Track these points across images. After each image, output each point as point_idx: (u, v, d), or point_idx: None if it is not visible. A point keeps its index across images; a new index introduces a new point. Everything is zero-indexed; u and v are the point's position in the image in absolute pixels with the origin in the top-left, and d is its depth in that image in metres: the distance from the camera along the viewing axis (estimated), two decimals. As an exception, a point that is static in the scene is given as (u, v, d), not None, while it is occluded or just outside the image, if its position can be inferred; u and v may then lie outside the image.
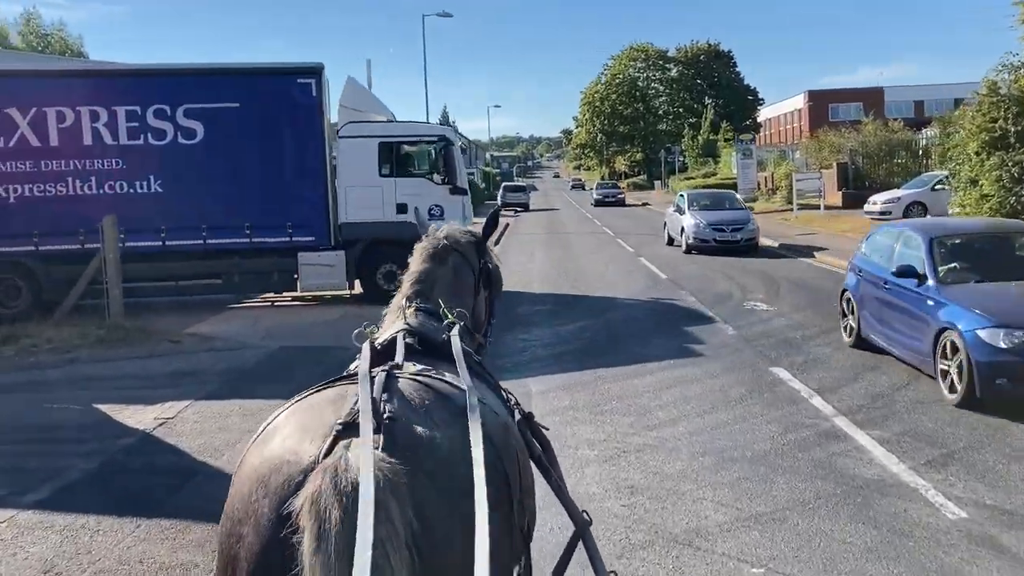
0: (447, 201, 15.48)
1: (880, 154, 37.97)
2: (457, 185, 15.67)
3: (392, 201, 15.35)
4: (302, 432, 2.01)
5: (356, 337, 2.72)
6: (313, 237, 15.23)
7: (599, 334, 12.12)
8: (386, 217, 15.30)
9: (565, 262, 22.24)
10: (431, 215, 15.39)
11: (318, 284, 15.53)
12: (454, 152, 15.73)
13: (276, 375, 10.52)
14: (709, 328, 12.18)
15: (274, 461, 1.97)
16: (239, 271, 15.18)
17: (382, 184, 15.45)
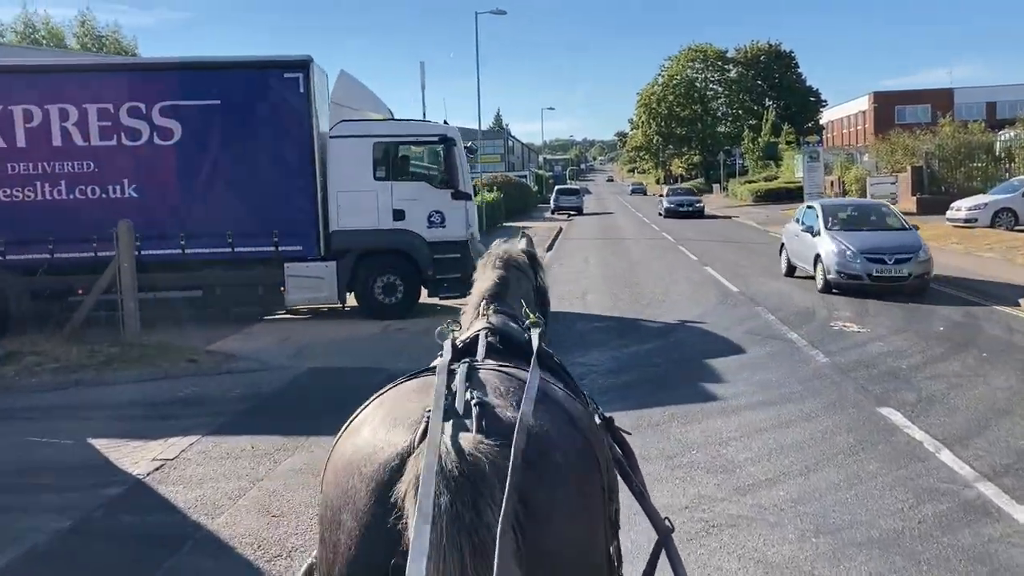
0: (449, 207, 14.13)
1: (958, 157, 35.75)
2: (459, 189, 14.21)
3: (388, 207, 14.04)
4: (392, 420, 2.05)
5: (438, 335, 2.73)
6: (301, 246, 13.91)
7: (668, 359, 10.62)
8: (381, 225, 14.05)
9: (629, 285, 20.71)
10: (431, 222, 14.09)
11: (306, 298, 14.21)
12: (456, 153, 14.25)
13: (298, 404, 9.25)
14: (796, 354, 10.60)
15: (367, 449, 2.01)
16: (221, 283, 13.85)
17: (377, 188, 14.06)
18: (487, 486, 1.78)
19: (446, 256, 14.12)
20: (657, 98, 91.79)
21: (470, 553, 1.72)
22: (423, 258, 14.12)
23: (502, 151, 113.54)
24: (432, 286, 14.44)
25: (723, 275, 18.75)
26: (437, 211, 14.10)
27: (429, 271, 14.18)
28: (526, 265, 3.50)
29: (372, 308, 14.29)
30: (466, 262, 14.02)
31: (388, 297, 14.33)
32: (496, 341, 2.66)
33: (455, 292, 14.38)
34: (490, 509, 1.76)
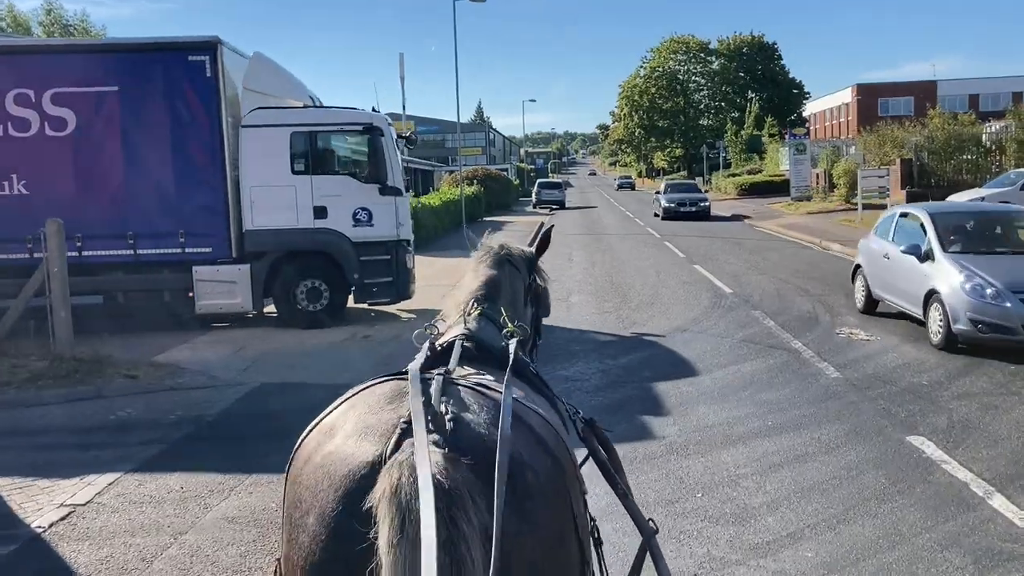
0: (377, 203, 12.87)
1: (948, 149, 34.89)
2: (387, 184, 12.87)
3: (308, 204, 12.77)
4: (364, 428, 2.02)
5: (417, 337, 2.71)
6: (211, 248, 12.62)
7: (662, 373, 9.55)
8: (301, 223, 12.78)
9: (615, 286, 19.64)
10: (357, 221, 12.83)
11: (218, 305, 12.83)
12: (384, 143, 12.84)
13: (244, 430, 8.13)
14: (803, 367, 9.56)
15: (338, 455, 1.98)
16: (123, 288, 12.61)
17: (295, 183, 12.76)
18: (462, 500, 1.79)
19: (374, 258, 12.98)
20: (639, 90, 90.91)
21: (448, 561, 1.71)
22: (348, 260, 12.89)
23: (484, 144, 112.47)
24: (359, 291, 13.18)
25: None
26: (363, 208, 12.84)
27: (355, 275, 12.93)
28: (520, 260, 3.35)
29: (294, 316, 13.04)
30: (398, 265, 13.04)
31: (312, 304, 13.07)
32: (472, 347, 2.62)
33: (385, 297, 13.31)
34: (466, 524, 1.76)
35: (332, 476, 1.95)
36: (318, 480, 1.97)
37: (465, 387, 2.20)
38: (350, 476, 1.92)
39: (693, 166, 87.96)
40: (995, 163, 34.37)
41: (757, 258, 20.71)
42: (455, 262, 22.24)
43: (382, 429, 1.98)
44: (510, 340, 2.68)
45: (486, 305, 2.93)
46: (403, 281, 13.23)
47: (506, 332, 2.77)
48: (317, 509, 1.94)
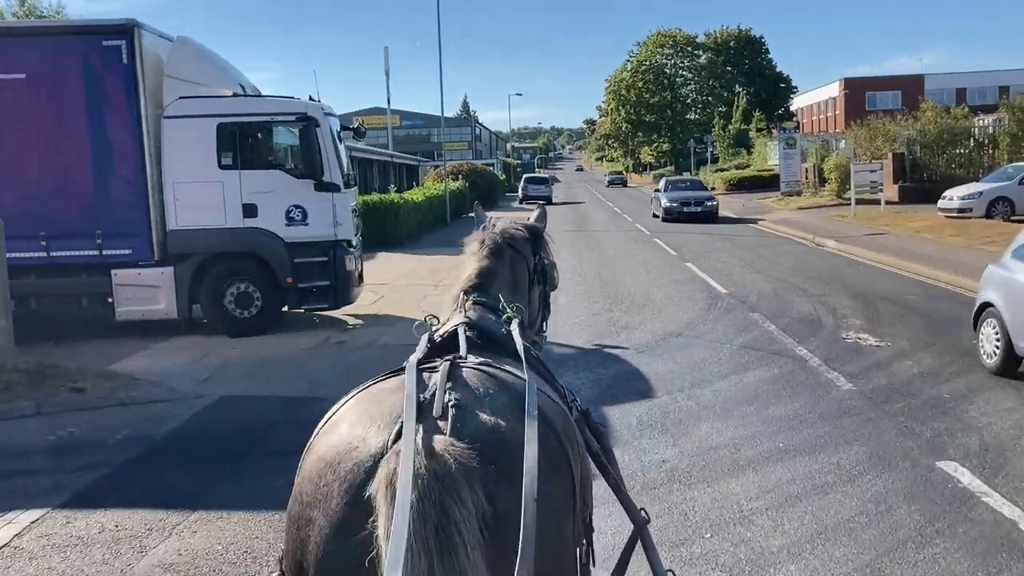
0: (312, 201, 11.90)
1: (940, 143, 34.27)
2: (323, 180, 11.87)
3: (237, 201, 11.76)
4: (368, 419, 2.03)
5: (416, 329, 2.69)
6: (130, 249, 11.61)
7: (657, 385, 8.77)
8: (229, 222, 11.79)
9: (604, 285, 18.84)
10: (290, 219, 11.86)
11: (140, 311, 11.80)
12: (320, 135, 11.78)
13: (195, 452, 7.30)
14: (811, 378, 8.78)
15: (342, 447, 1.98)
16: (35, 293, 11.50)
17: (223, 179, 11.77)
18: (454, 486, 1.78)
19: (310, 260, 12.02)
20: (626, 84, 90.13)
21: (438, 553, 1.71)
22: (280, 262, 11.91)
23: (469, 139, 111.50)
24: (293, 295, 12.18)
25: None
26: (297, 206, 11.89)
27: (288, 278, 11.94)
28: (523, 242, 3.29)
29: (224, 323, 12.04)
30: (336, 267, 12.09)
31: (243, 310, 12.08)
32: (475, 336, 2.57)
33: (323, 303, 12.36)
34: (457, 508, 1.75)
35: (335, 468, 1.94)
36: (321, 472, 1.97)
37: (471, 370, 2.19)
38: (353, 467, 1.92)
39: (680, 161, 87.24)
40: (988, 157, 33.82)
41: (750, 255, 19.96)
42: (438, 259, 21.44)
43: (384, 420, 1.98)
44: (510, 324, 2.67)
45: (476, 294, 2.89)
46: (343, 285, 12.27)
47: (505, 317, 2.75)
48: (322, 504, 1.93)
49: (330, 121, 12.34)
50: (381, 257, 22.69)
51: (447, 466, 1.80)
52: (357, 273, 12.75)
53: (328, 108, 12.61)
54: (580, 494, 2.22)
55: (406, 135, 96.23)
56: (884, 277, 15.76)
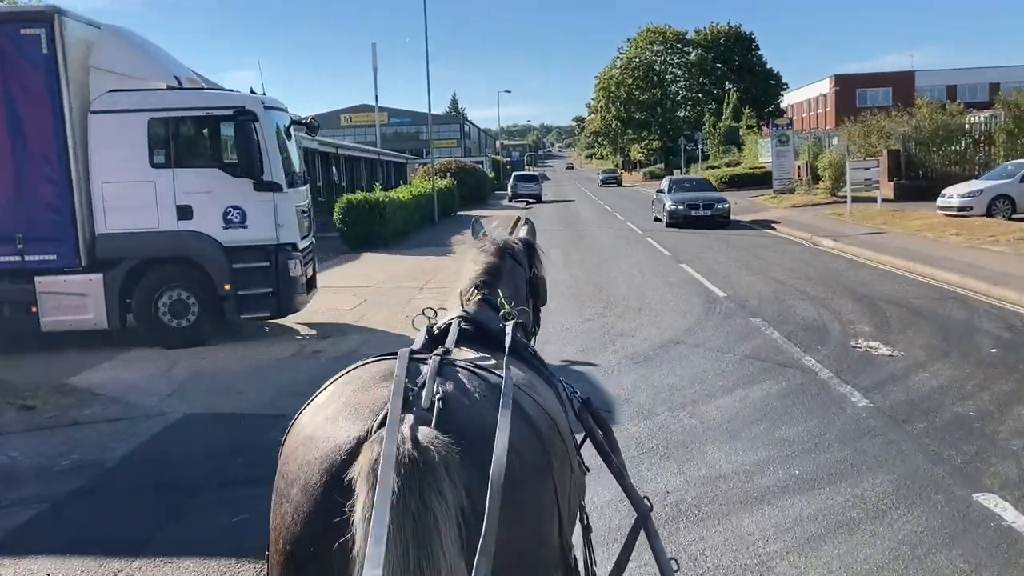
0: (251, 201, 11.05)
1: (936, 140, 33.75)
2: (263, 179, 10.98)
3: (171, 202, 10.92)
4: (355, 404, 2.05)
5: (416, 321, 2.77)
6: (55, 255, 10.79)
7: (655, 400, 8.10)
8: (163, 226, 10.95)
9: (597, 289, 18.16)
10: (228, 222, 11.05)
11: (67, 320, 10.99)
12: (260, 130, 10.91)
13: (149, 481, 6.62)
14: (822, 392, 8.13)
15: (326, 428, 2.01)
16: None
17: (155, 178, 10.92)
18: (435, 477, 1.79)
19: (250, 265, 11.18)
20: (616, 82, 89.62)
21: (413, 540, 1.72)
22: (217, 268, 11.08)
23: (458, 136, 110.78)
24: (232, 304, 11.22)
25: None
26: (236, 207, 11.05)
27: (226, 284, 11.09)
28: (521, 254, 3.39)
29: (158, 334, 11.19)
30: (279, 273, 11.23)
31: (178, 319, 11.24)
32: (471, 329, 2.64)
33: (264, 312, 11.48)
34: (436, 499, 1.76)
35: (318, 449, 1.97)
36: (305, 453, 1.99)
37: (461, 368, 2.22)
38: (335, 450, 1.94)
39: (670, 159, 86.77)
40: (984, 154, 33.32)
41: (747, 256, 19.34)
42: (424, 260, 20.77)
43: (371, 406, 2.01)
44: (506, 322, 2.69)
45: (486, 291, 2.94)
46: (286, 292, 11.37)
47: (503, 314, 2.78)
48: (302, 481, 1.95)
49: (274, 116, 11.52)
50: (366, 258, 22.00)
51: (430, 457, 1.81)
52: (304, 279, 11.83)
53: (272, 101, 11.82)
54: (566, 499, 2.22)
55: (394, 132, 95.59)
56: (888, 279, 15.14)
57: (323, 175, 41.35)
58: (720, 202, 27.91)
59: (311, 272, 12.46)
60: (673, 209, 27.72)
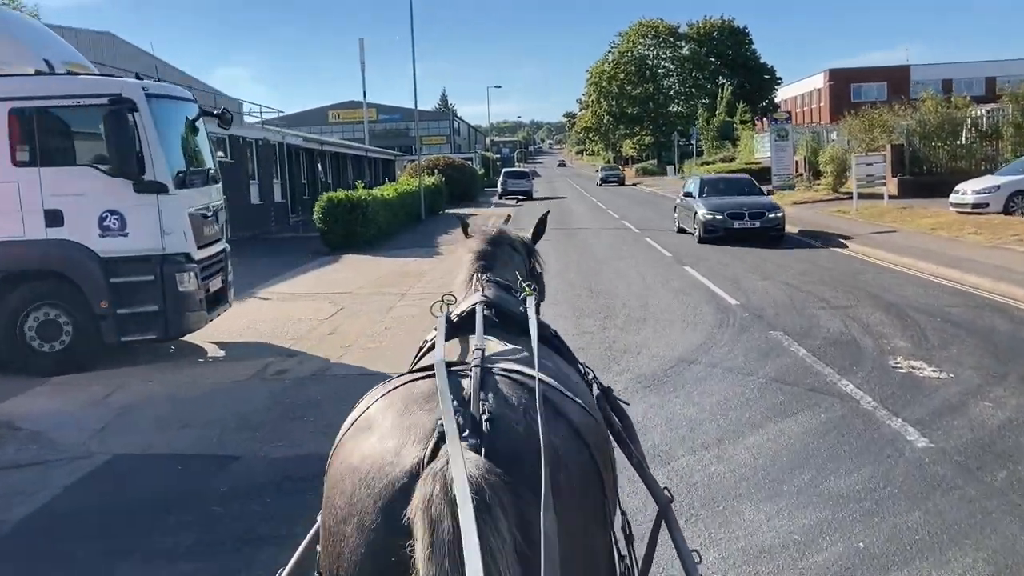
0: (132, 205, 9.51)
1: (941, 134, 32.57)
2: (144, 179, 9.46)
3: (37, 206, 9.40)
4: (402, 431, 1.95)
5: (434, 309, 2.69)
6: None
7: (671, 439, 6.83)
8: (29, 234, 9.43)
9: (595, 295, 16.87)
10: (105, 228, 9.49)
11: None
12: (140, 122, 9.38)
13: (52, 554, 5.28)
14: (870, 429, 6.84)
15: (375, 460, 1.91)
16: None
17: (19, 178, 9.39)
18: (492, 515, 1.69)
19: (131, 279, 9.60)
20: (607, 76, 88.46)
21: None
22: (92, 283, 9.51)
23: (448, 132, 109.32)
24: (111, 324, 9.60)
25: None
26: (113, 212, 9.49)
27: (102, 302, 9.50)
28: (520, 244, 3.43)
29: (25, 360, 9.65)
30: (166, 288, 9.68)
31: (49, 342, 9.68)
32: (492, 315, 2.59)
33: (150, 333, 9.82)
34: (493, 537, 1.67)
35: (370, 486, 1.88)
36: (355, 487, 1.91)
37: (501, 377, 2.11)
38: (388, 486, 1.85)
39: (663, 154, 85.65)
40: (991, 148, 32.19)
41: (754, 257, 18.06)
42: (408, 263, 19.46)
43: (418, 433, 1.91)
44: (527, 303, 2.69)
45: (490, 273, 2.94)
46: (175, 311, 9.75)
47: (523, 296, 2.77)
48: (356, 520, 1.88)
49: (165, 105, 10.04)
50: (346, 260, 20.66)
51: (482, 493, 1.70)
52: (203, 295, 10.16)
53: (164, 88, 10.39)
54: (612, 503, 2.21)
55: (383, 129, 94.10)
56: (912, 284, 13.90)
57: (308, 172, 40.02)
58: (772, 210, 21.18)
59: (219, 285, 10.87)
60: (709, 219, 21.01)
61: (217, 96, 34.55)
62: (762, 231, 20.57)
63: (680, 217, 24.40)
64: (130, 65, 26.28)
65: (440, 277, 16.07)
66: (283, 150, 35.08)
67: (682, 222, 24.03)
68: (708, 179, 25.54)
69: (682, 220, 24.05)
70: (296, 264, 19.87)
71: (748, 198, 22.23)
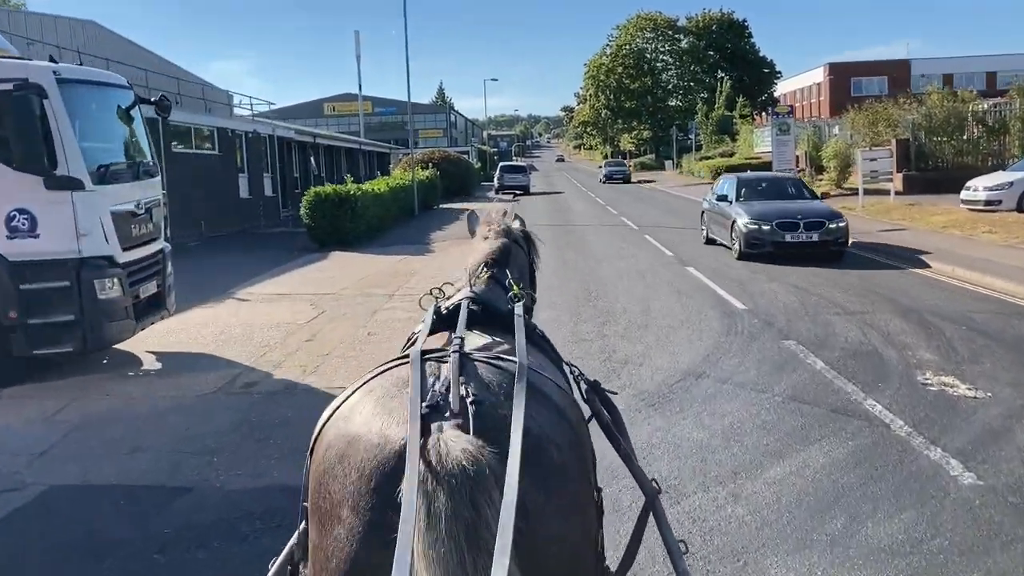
0: (42, 202, 8.53)
1: (948, 129, 31.77)
2: (57, 175, 8.46)
3: None
4: (385, 413, 1.99)
5: (424, 301, 2.79)
6: None
7: (680, 470, 6.01)
8: None
9: (592, 298, 16.06)
10: (12, 230, 8.48)
11: None
12: (50, 110, 8.38)
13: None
14: (907, 459, 6.02)
15: (362, 442, 1.95)
16: None
17: None
18: (485, 486, 1.75)
19: (44, 286, 8.56)
20: (605, 69, 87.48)
21: (468, 549, 1.70)
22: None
23: (444, 126, 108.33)
24: (21, 336, 8.61)
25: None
26: (22, 210, 8.48)
27: (10, 311, 8.51)
28: (523, 241, 3.52)
29: None
30: (83, 295, 8.66)
31: None
32: (479, 310, 2.63)
33: (66, 345, 8.79)
34: (488, 508, 1.73)
35: (361, 467, 1.91)
36: (346, 470, 1.93)
37: (481, 361, 2.15)
38: (379, 466, 1.88)
39: (660, 149, 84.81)
40: (997, 144, 31.42)
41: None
42: (398, 261, 18.62)
43: (402, 414, 1.94)
44: (515, 302, 2.72)
45: (496, 270, 3.00)
46: (95, 321, 8.74)
47: (511, 295, 2.80)
48: (350, 502, 1.90)
49: (83, 92, 9.09)
50: (334, 258, 19.82)
51: (480, 465, 1.76)
52: (130, 302, 9.17)
53: (84, 73, 9.39)
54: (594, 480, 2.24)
55: (379, 122, 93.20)
56: (930, 287, 13.09)
57: (300, 166, 39.16)
58: (832, 218, 16.60)
59: (153, 290, 9.89)
60: (753, 230, 16.62)
61: (206, 87, 33.72)
62: (821, 245, 16.21)
63: (711, 226, 19.91)
64: (114, 55, 25.46)
65: (432, 276, 15.24)
66: (274, 143, 34.23)
67: (713, 232, 19.66)
68: (746, 179, 20.54)
69: (713, 230, 19.64)
70: (281, 261, 19.04)
71: (798, 203, 17.86)
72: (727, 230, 17.90)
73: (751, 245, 16.67)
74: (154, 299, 9.93)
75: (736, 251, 17.16)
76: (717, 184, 21.28)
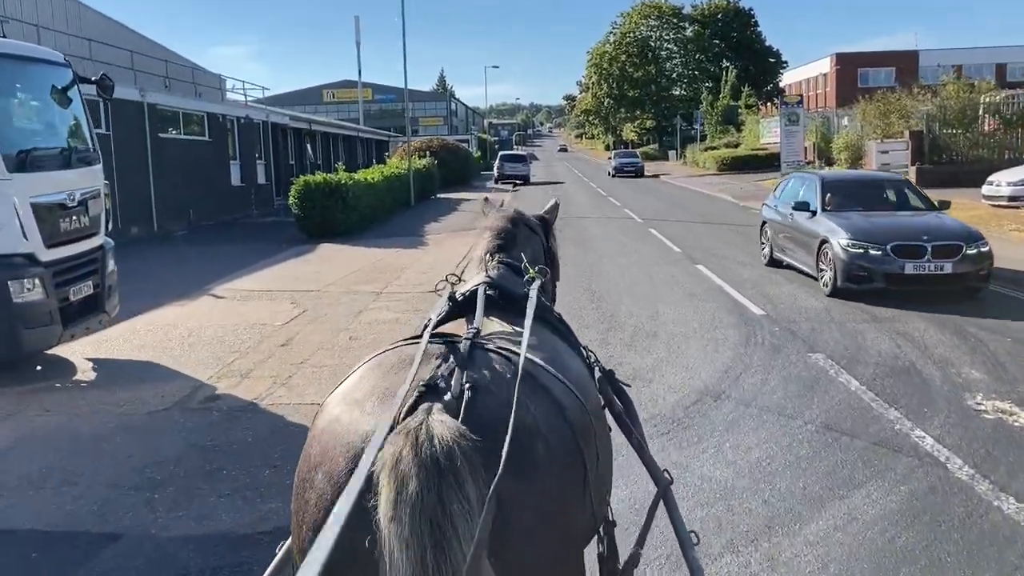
0: None
1: (964, 120, 30.72)
2: None
3: None
4: (384, 388, 2.00)
5: (439, 288, 2.76)
6: None
7: (714, 526, 5.03)
8: None
9: (596, 299, 15.07)
10: None
11: None
12: None
13: None
14: (974, 513, 5.00)
15: (353, 412, 1.98)
16: None
17: None
18: (457, 479, 1.68)
19: None
20: (609, 57, 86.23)
21: (431, 544, 1.63)
22: None
23: (445, 114, 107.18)
24: None
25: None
26: None
27: None
28: (537, 225, 3.50)
29: None
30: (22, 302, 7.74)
31: None
32: (496, 295, 2.60)
33: None
34: (458, 501, 1.67)
35: (343, 437, 1.93)
36: (329, 439, 1.96)
37: (492, 351, 2.13)
38: (361, 438, 1.88)
39: (664, 138, 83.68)
40: (1016, 136, 30.39)
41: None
42: (390, 254, 17.62)
43: (399, 391, 1.93)
44: (531, 286, 2.68)
45: (502, 255, 2.96)
46: (10, 327, 7.76)
47: (527, 278, 2.76)
48: (326, 467, 1.92)
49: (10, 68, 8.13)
50: (322, 250, 18.80)
51: (452, 456, 1.69)
52: (54, 305, 8.14)
53: (8, 47, 8.35)
54: (593, 489, 2.13)
55: (379, 109, 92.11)
56: (990, 302, 12.02)
57: (296, 153, 38.13)
58: (972, 241, 11.50)
59: (88, 291, 8.84)
60: (858, 255, 11.53)
61: (196, 71, 32.62)
62: (955, 279, 11.28)
63: (780, 242, 14.48)
64: (96, 36, 24.39)
65: (423, 272, 14.26)
66: (268, 129, 33.18)
67: (782, 252, 14.34)
68: (834, 180, 14.44)
69: (785, 248, 14.21)
70: (267, 254, 18.03)
71: (918, 217, 12.80)
72: (809, 252, 12.81)
73: (854, 277, 11.52)
74: (90, 301, 8.85)
75: (826, 282, 12.04)
76: (785, 185, 15.68)
